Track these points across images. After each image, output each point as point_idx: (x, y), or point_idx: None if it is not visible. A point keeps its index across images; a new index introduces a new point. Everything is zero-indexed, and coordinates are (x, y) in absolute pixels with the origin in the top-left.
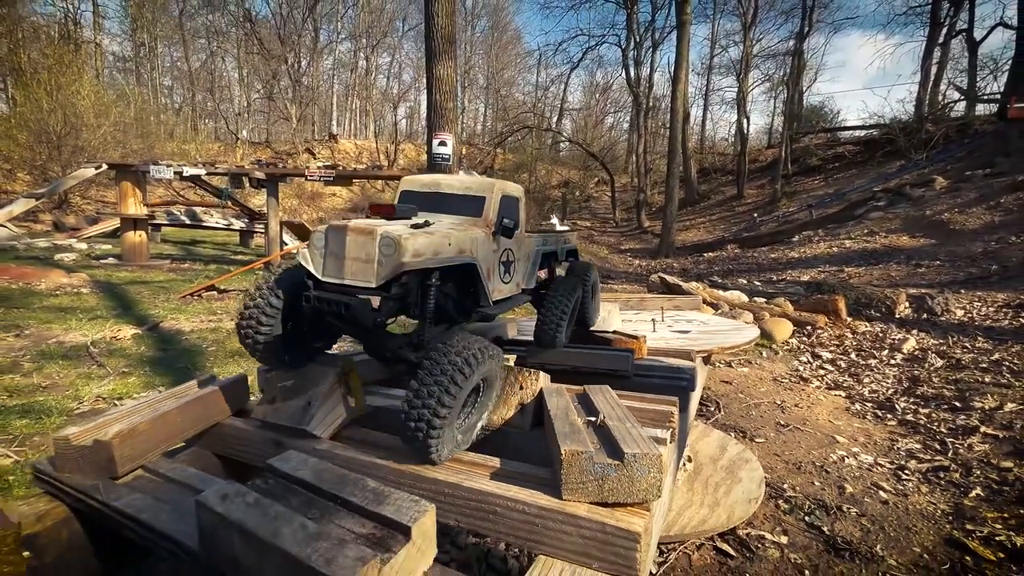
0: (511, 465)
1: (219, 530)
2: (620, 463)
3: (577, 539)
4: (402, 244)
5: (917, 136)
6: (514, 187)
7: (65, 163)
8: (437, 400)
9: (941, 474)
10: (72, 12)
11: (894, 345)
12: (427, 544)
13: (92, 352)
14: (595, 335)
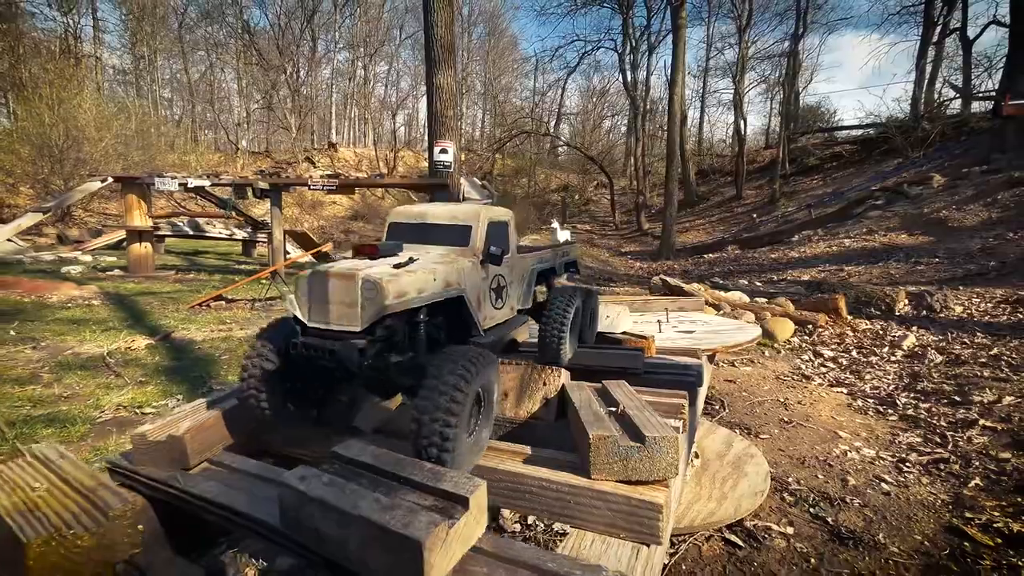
0: (540, 451)
1: (301, 506)
2: (642, 445)
3: (606, 512)
4: (384, 287)
5: (914, 135)
6: (501, 211)
7: (67, 176)
8: (443, 419)
9: (941, 466)
10: (72, 27)
11: (894, 342)
12: (481, 514)
13: (108, 362)
14: (606, 336)
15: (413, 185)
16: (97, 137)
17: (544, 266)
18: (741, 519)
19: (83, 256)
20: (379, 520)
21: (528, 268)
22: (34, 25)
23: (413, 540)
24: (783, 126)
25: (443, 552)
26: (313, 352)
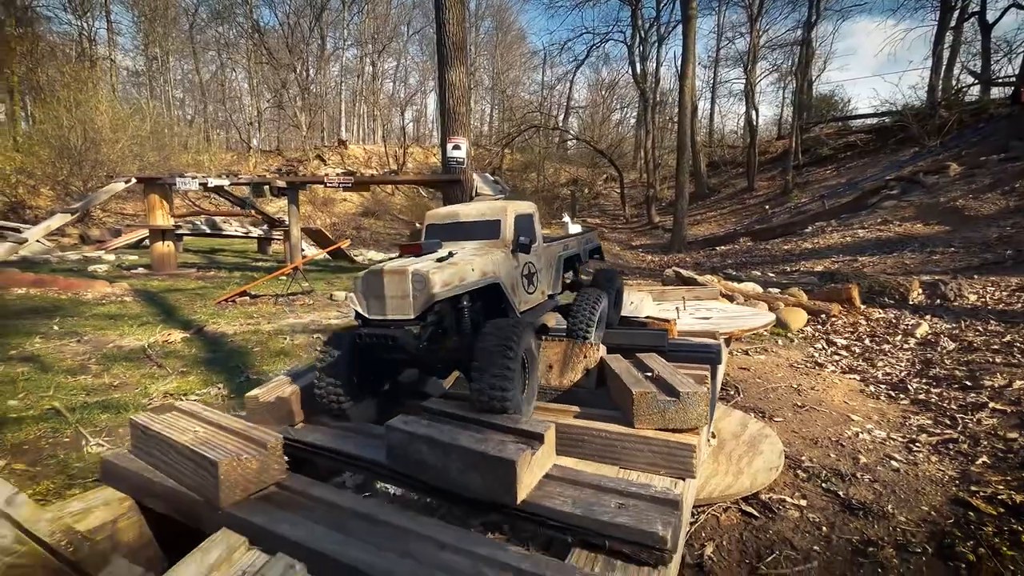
0: (587, 410)
1: (409, 444)
2: (677, 400)
3: (648, 453)
4: (431, 278)
5: (930, 122)
6: (526, 205)
7: (86, 177)
8: (500, 377)
9: (950, 445)
10: (87, 30)
11: (907, 330)
12: (551, 449)
13: (150, 354)
14: (632, 319)
15: (426, 181)
16: (113, 138)
17: (570, 253)
18: (756, 492)
19: (106, 255)
20: (478, 448)
21: (555, 255)
22: (50, 29)
23: (508, 460)
24: (796, 116)
25: (528, 471)
26: (375, 340)
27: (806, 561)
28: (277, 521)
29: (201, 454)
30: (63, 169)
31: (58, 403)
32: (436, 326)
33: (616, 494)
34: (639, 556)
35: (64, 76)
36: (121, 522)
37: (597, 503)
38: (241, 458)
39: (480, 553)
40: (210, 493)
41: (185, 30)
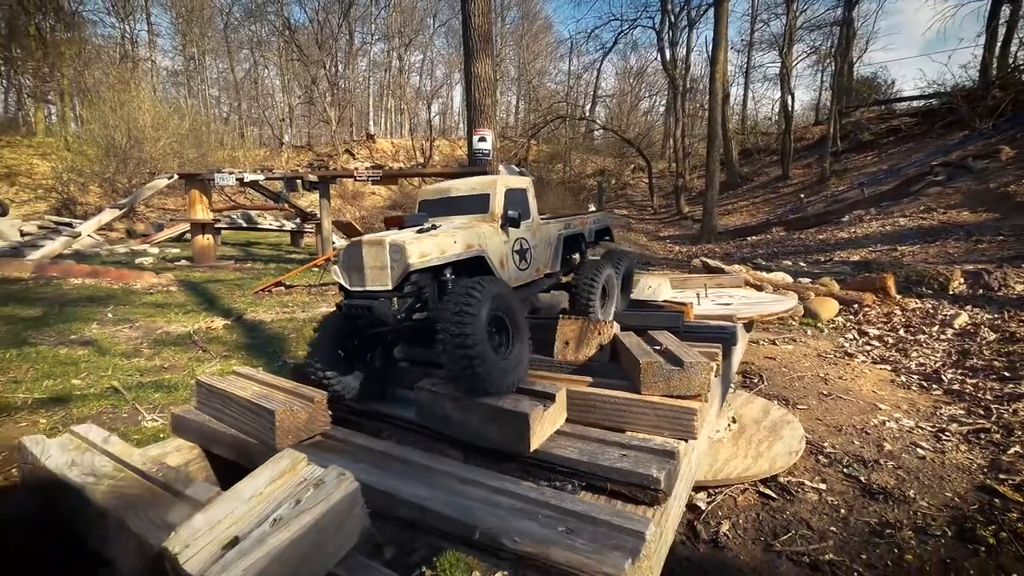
0: (600, 380)
1: (435, 401)
2: (681, 368)
3: (653, 417)
4: (407, 248)
5: (982, 104)
6: (519, 179)
7: (130, 175)
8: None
9: (982, 435)
10: (129, 32)
11: (945, 321)
12: (562, 408)
13: (195, 340)
14: (649, 303)
15: (453, 174)
16: (155, 137)
17: (571, 232)
18: (775, 475)
19: (151, 248)
20: (496, 404)
21: (554, 234)
22: (95, 32)
23: (523, 414)
24: (834, 100)
25: (540, 425)
26: (354, 311)
27: (822, 540)
28: (325, 461)
29: (260, 405)
30: (109, 167)
31: (116, 383)
32: (416, 297)
33: (619, 447)
34: (636, 496)
35: (109, 78)
36: (192, 465)
37: (601, 453)
38: (293, 408)
39: (493, 486)
40: (267, 437)
41: (220, 29)
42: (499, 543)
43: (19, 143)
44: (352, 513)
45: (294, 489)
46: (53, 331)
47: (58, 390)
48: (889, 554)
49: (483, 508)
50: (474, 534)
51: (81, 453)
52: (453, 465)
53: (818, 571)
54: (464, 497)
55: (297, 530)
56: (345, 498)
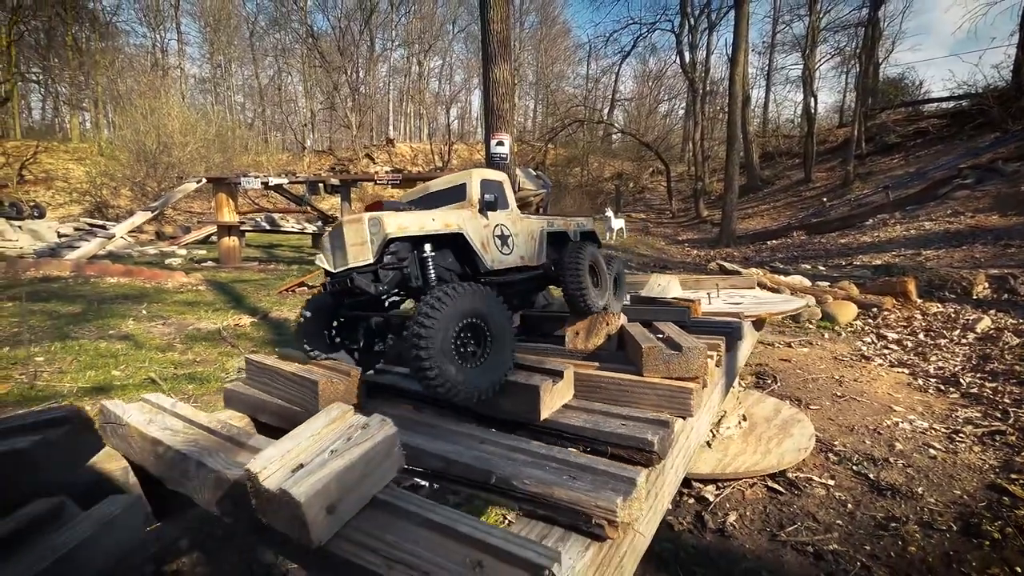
0: (607, 364)
1: None
2: (680, 353)
3: (653, 397)
4: (384, 220)
5: (1015, 105)
6: (493, 172)
7: (160, 178)
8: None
9: (997, 437)
10: (160, 41)
11: (967, 325)
12: (569, 385)
13: (225, 336)
14: (658, 300)
15: None
16: (183, 142)
17: (555, 229)
18: (784, 470)
19: (179, 250)
20: (510, 378)
21: (537, 228)
22: (127, 42)
23: (534, 387)
24: (859, 102)
25: (550, 397)
26: (337, 286)
27: (827, 532)
28: None
29: (304, 376)
30: (140, 171)
31: (153, 374)
32: (397, 270)
33: (620, 418)
34: (633, 457)
35: (140, 85)
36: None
37: (604, 423)
38: (333, 380)
39: (508, 444)
40: (311, 405)
41: (246, 37)
42: (511, 485)
43: (56, 149)
44: (391, 452)
45: (345, 431)
46: (93, 326)
47: (100, 380)
48: (893, 546)
49: (499, 460)
50: (491, 479)
51: (155, 414)
52: (472, 429)
53: (822, 560)
54: (483, 452)
55: (349, 459)
56: (387, 438)
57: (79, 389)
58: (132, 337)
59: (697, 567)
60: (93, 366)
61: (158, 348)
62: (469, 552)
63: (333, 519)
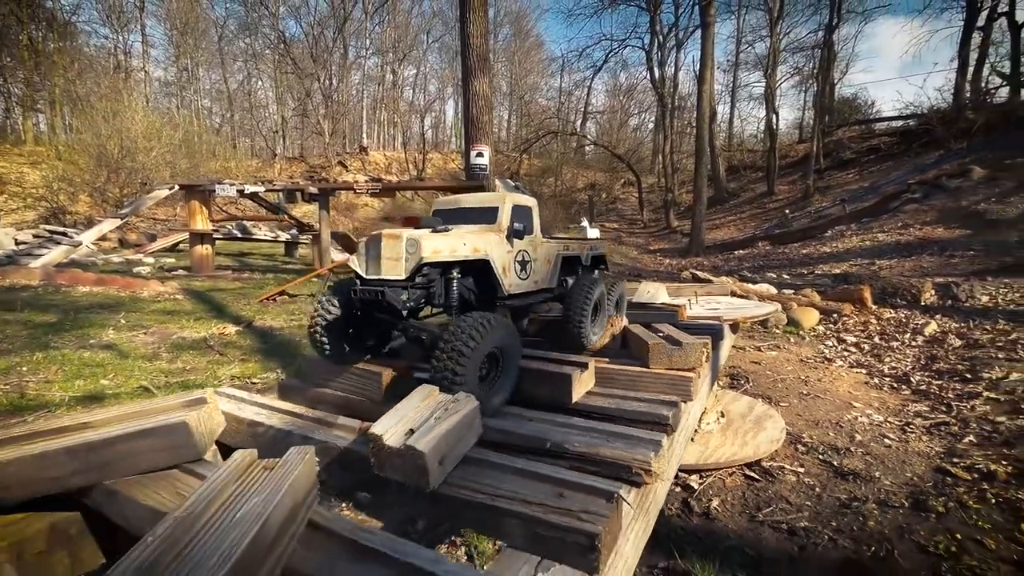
0: (615, 360)
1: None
2: (680, 347)
3: (660, 385)
4: (422, 243)
5: (956, 125)
6: (526, 198)
7: (122, 184)
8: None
9: (942, 427)
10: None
11: (916, 329)
12: (592, 375)
13: (211, 344)
14: (648, 305)
15: (452, 187)
16: (148, 147)
17: (570, 253)
18: (759, 460)
19: (146, 258)
20: (546, 369)
21: (554, 252)
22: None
23: (567, 375)
24: (817, 119)
25: (579, 383)
26: (367, 295)
27: (798, 512)
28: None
29: (369, 370)
30: (101, 176)
31: (145, 382)
32: (424, 289)
33: (637, 400)
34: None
35: (101, 87)
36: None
37: (626, 404)
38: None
39: (554, 420)
40: (373, 394)
41: (214, 41)
42: (564, 448)
43: (8, 151)
44: (474, 422)
45: (437, 405)
46: (71, 336)
47: (90, 389)
48: (855, 522)
49: (550, 431)
50: (546, 444)
51: (238, 403)
52: (518, 410)
53: (795, 535)
54: (533, 426)
55: (450, 424)
56: (472, 410)
57: (71, 398)
58: (115, 347)
59: (686, 545)
60: (80, 375)
61: (144, 357)
62: (552, 488)
63: (441, 469)
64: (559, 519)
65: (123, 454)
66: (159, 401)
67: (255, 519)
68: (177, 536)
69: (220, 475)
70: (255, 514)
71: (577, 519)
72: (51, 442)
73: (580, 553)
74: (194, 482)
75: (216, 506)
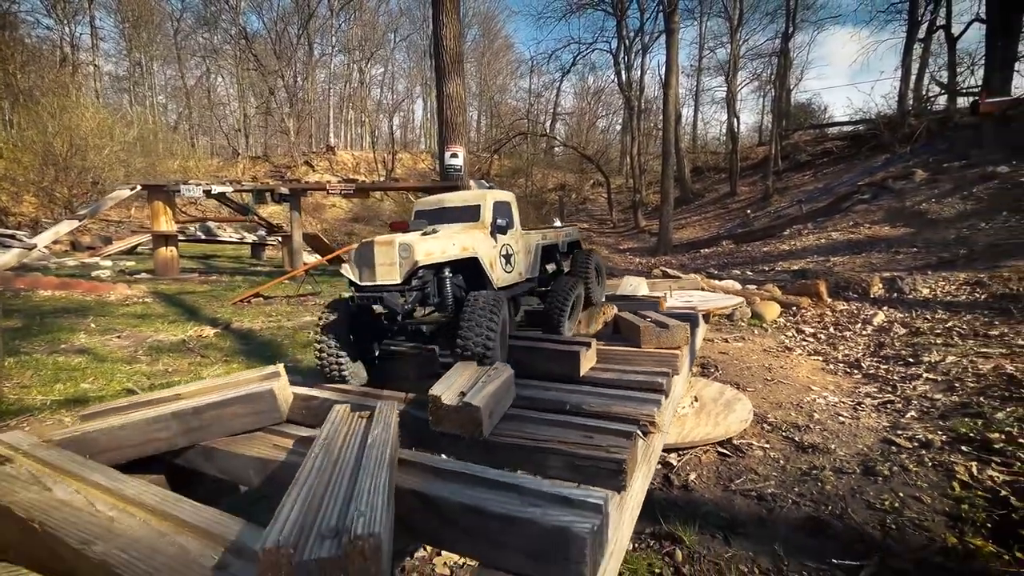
0: (609, 343)
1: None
2: (667, 329)
3: (651, 361)
4: (415, 247)
5: (900, 130)
6: (505, 194)
7: (71, 184)
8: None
9: (888, 405)
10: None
11: (866, 319)
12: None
13: (191, 346)
14: (631, 296)
15: (427, 188)
16: (99, 145)
17: (548, 243)
18: (730, 438)
19: (103, 261)
20: (555, 348)
21: (534, 243)
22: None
23: (575, 352)
24: (775, 123)
25: (584, 359)
26: (365, 301)
27: (765, 481)
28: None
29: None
30: (48, 175)
31: (129, 384)
32: (420, 291)
33: (636, 372)
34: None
35: (45, 81)
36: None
37: (625, 375)
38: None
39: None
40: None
41: (170, 35)
42: (581, 408)
43: None
44: (510, 386)
45: (481, 372)
46: (41, 341)
47: (71, 393)
48: (815, 486)
49: (568, 396)
50: (567, 406)
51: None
52: (537, 383)
53: (763, 500)
54: (553, 393)
55: (495, 385)
56: (509, 376)
57: (52, 402)
58: (90, 351)
59: (669, 513)
60: (57, 380)
61: (122, 360)
62: (582, 433)
63: (491, 422)
64: (592, 452)
65: (219, 418)
66: (237, 375)
67: (385, 441)
68: (330, 450)
69: (335, 418)
70: (383, 439)
71: (606, 452)
72: (158, 408)
73: (610, 476)
74: (281, 440)
75: (343, 436)
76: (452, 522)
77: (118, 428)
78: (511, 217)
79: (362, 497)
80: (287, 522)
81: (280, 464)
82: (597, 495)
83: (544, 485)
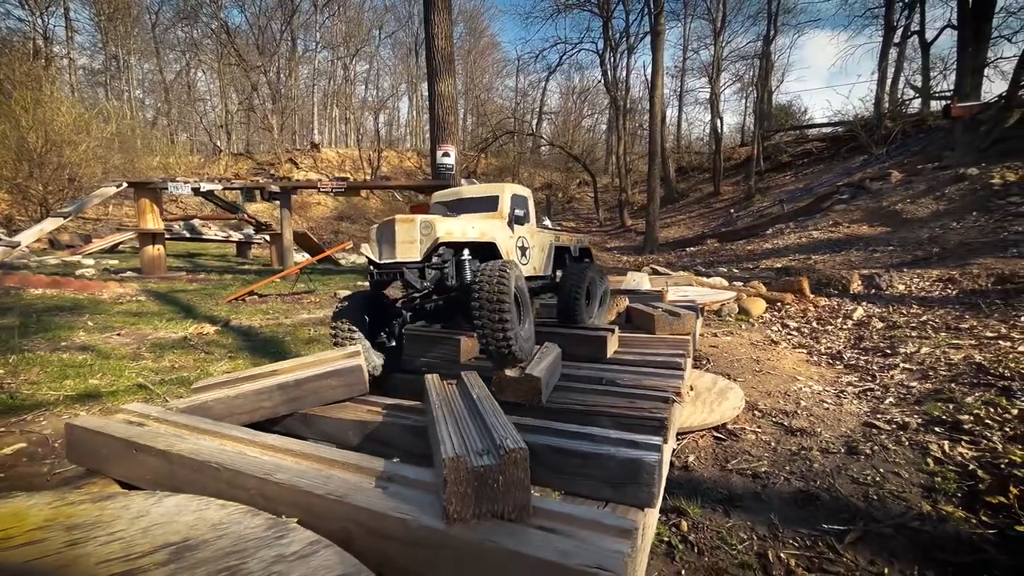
0: (624, 330)
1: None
2: (678, 317)
3: (665, 346)
4: (436, 225)
5: (877, 132)
6: (521, 188)
7: (47, 181)
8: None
9: (868, 393)
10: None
11: (846, 314)
12: (616, 339)
13: (193, 343)
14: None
15: (419, 186)
16: (76, 141)
17: (561, 244)
18: (724, 423)
19: (84, 259)
20: (583, 333)
21: (548, 241)
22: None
23: (602, 336)
24: (757, 124)
25: (611, 342)
26: (385, 277)
27: (758, 461)
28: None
29: (448, 336)
30: (22, 172)
31: (140, 379)
32: (439, 269)
33: (654, 354)
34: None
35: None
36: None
37: (646, 356)
38: (465, 339)
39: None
40: (453, 356)
41: (148, 29)
42: (615, 383)
43: None
44: (558, 362)
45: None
46: (40, 339)
47: (82, 389)
48: (803, 465)
49: (601, 372)
50: (602, 381)
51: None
52: (570, 363)
53: (757, 478)
54: (588, 371)
55: (548, 360)
56: (559, 353)
57: (64, 397)
58: (93, 348)
59: (672, 491)
60: (65, 376)
61: (127, 357)
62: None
63: (547, 391)
64: (638, 413)
65: (316, 389)
66: (323, 354)
67: (488, 396)
68: (449, 404)
69: (434, 383)
70: (486, 394)
71: (649, 413)
72: (262, 381)
73: (653, 432)
74: (371, 407)
75: (449, 395)
76: (542, 463)
77: (232, 397)
78: (527, 211)
79: (498, 428)
80: (452, 445)
81: (378, 424)
82: (655, 439)
83: (611, 433)
